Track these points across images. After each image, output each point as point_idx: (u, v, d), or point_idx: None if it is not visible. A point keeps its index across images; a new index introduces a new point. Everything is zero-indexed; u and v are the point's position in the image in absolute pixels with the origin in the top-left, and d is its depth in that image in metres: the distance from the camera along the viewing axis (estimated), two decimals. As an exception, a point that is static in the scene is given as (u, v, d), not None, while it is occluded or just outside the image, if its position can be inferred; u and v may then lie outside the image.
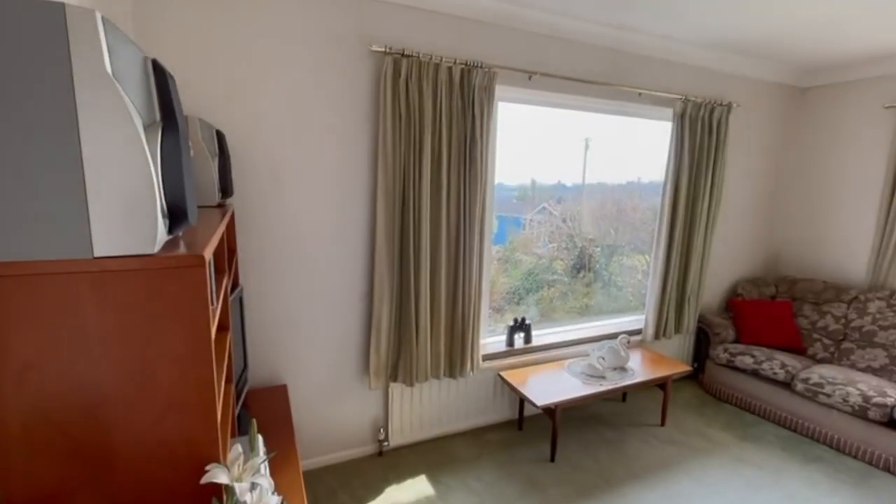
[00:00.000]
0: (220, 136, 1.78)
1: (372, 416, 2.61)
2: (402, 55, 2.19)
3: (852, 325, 3.23)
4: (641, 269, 3.71)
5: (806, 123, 3.80)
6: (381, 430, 2.60)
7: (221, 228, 1.11)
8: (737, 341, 3.48)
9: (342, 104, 2.23)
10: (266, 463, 1.17)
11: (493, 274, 3.28)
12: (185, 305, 0.73)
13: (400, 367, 2.48)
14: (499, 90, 2.58)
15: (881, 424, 2.59)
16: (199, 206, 1.63)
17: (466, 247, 2.50)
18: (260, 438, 1.18)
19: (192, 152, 1.54)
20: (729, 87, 3.41)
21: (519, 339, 3.02)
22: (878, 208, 3.34)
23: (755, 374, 3.19)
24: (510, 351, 2.97)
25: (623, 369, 2.93)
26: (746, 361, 3.23)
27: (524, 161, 3.13)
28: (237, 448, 0.80)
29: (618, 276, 3.72)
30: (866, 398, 2.63)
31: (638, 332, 3.45)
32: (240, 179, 2.09)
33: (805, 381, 2.91)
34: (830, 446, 2.81)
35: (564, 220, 3.47)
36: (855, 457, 2.70)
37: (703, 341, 3.66)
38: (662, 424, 3.03)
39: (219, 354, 1.09)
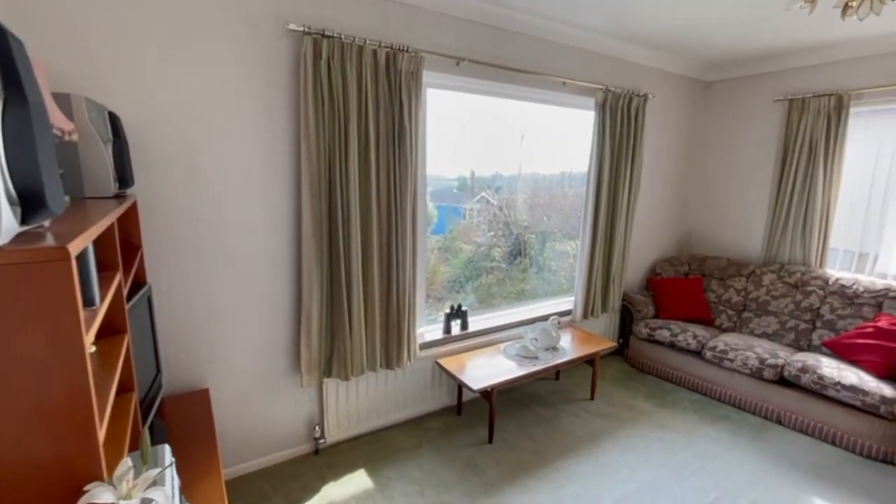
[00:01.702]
0: (115, 119, 1.60)
1: (306, 414, 2.51)
2: (323, 36, 2.08)
3: (750, 296, 3.60)
4: (573, 254, 3.88)
5: (711, 114, 4.15)
6: (317, 428, 2.52)
7: (108, 220, 0.98)
8: (656, 317, 3.76)
9: (260, 87, 2.08)
10: (175, 475, 1.08)
11: (434, 263, 3.30)
12: (47, 306, 0.63)
13: (334, 362, 2.41)
14: (427, 76, 2.55)
15: (774, 383, 2.93)
16: (92, 197, 1.46)
17: (399, 236, 2.46)
18: (167, 448, 1.08)
19: (73, 135, 1.36)
20: (645, 78, 3.62)
21: (456, 326, 3.05)
22: (770, 191, 3.74)
23: (672, 345, 3.47)
24: (447, 338, 2.99)
25: (555, 349, 3.06)
26: (664, 335, 3.50)
27: (463, 153, 3.19)
28: (126, 462, 0.72)
29: (551, 261, 3.87)
30: (762, 360, 2.96)
31: (569, 312, 3.61)
32: (146, 169, 1.89)
33: (713, 349, 3.21)
34: (734, 406, 3.13)
35: (500, 209, 3.55)
36: (754, 413, 3.03)
37: (627, 318, 3.91)
38: (592, 399, 3.21)
39: (107, 361, 0.97)
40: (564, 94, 3.19)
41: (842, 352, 2.92)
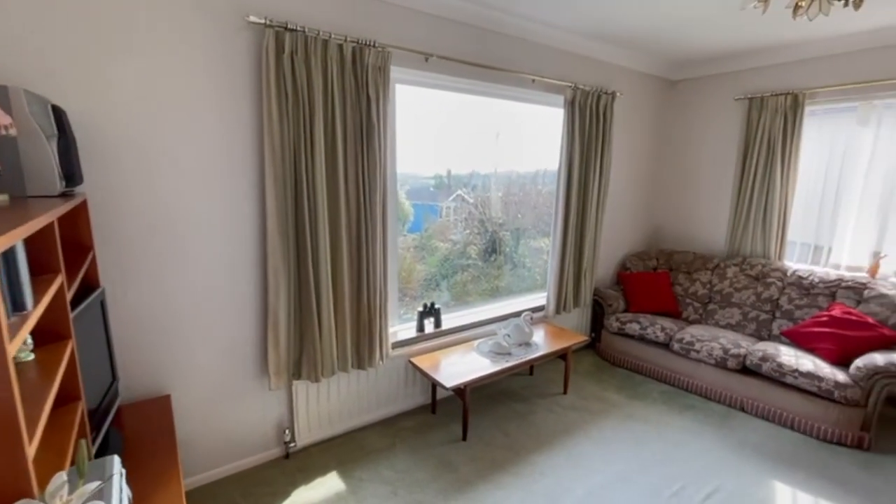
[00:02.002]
0: (59, 113, 1.51)
1: (275, 418, 2.45)
2: (286, 29, 2.02)
3: (715, 289, 3.72)
4: (546, 251, 3.92)
5: (676, 112, 4.26)
6: (287, 432, 2.46)
7: (43, 220, 0.92)
8: (626, 311, 3.84)
9: (220, 81, 2.01)
10: (124, 487, 1.02)
11: (410, 262, 3.28)
12: (-38, 312, 0.58)
13: (303, 364, 2.35)
14: (395, 71, 2.51)
15: (737, 372, 3.03)
16: (35, 196, 1.38)
17: (369, 234, 2.43)
18: (115, 459, 1.03)
19: (11, 130, 1.28)
20: (613, 76, 3.68)
21: (429, 324, 3.03)
22: (733, 187, 3.87)
23: (642, 338, 3.55)
24: (421, 336, 2.97)
25: (528, 345, 3.08)
26: (634, 328, 3.57)
27: (440, 151, 3.22)
28: (60, 477, 0.67)
29: (526, 258, 3.91)
30: (725, 351, 3.06)
31: (542, 308, 3.65)
32: (97, 166, 1.80)
33: (680, 340, 3.30)
34: (700, 395, 3.23)
35: (476, 207, 3.56)
36: (719, 401, 3.13)
37: (598, 313, 3.98)
38: (565, 392, 3.25)
39: (46, 369, 0.91)
40: (534, 91, 3.21)
41: (799, 340, 3.05)
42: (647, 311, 3.77)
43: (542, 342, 3.15)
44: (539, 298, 3.74)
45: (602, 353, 3.88)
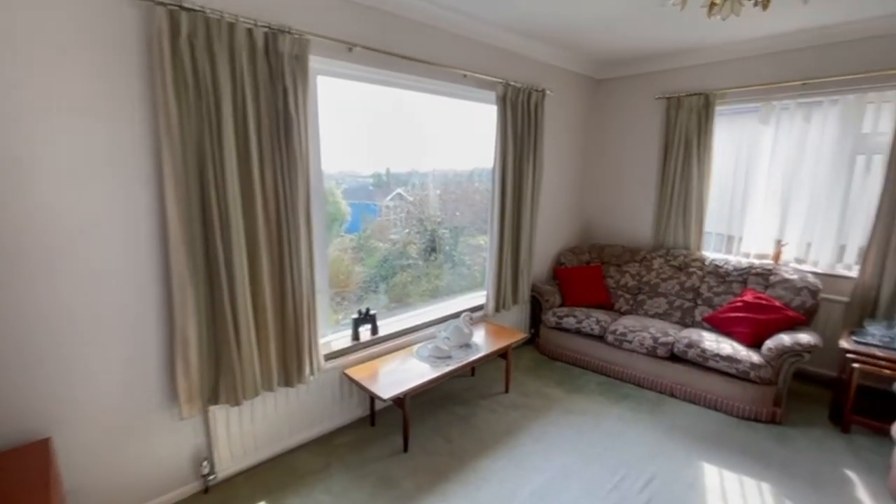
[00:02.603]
0: None
1: (190, 449, 2.17)
2: (181, 8, 1.77)
3: (643, 280, 3.88)
4: (485, 248, 3.89)
5: (603, 110, 4.41)
6: (205, 463, 2.19)
7: None
8: (563, 305, 3.91)
9: (102, 66, 1.71)
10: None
11: (348, 263, 3.11)
12: None
13: (221, 387, 2.10)
14: (316, 62, 2.32)
15: (666, 359, 3.17)
16: None
17: (291, 239, 2.22)
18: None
19: None
20: (542, 74, 3.72)
21: (365, 331, 2.86)
22: (656, 181, 4.07)
23: (578, 332, 3.63)
24: (357, 345, 2.80)
25: (468, 346, 3.01)
26: (570, 322, 3.64)
27: (378, 149, 3.13)
28: None
29: (465, 256, 3.86)
30: (655, 340, 3.19)
31: (482, 307, 3.61)
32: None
33: (614, 332, 3.40)
34: (634, 384, 3.35)
35: (414, 205, 3.46)
36: (651, 389, 3.27)
37: (536, 308, 4.02)
38: (507, 391, 3.23)
39: None
40: (466, 86, 3.14)
41: (719, 325, 3.25)
42: (582, 304, 3.86)
43: (482, 342, 3.10)
44: (479, 297, 3.70)
45: (541, 348, 3.93)
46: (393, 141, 3.17)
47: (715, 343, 3.00)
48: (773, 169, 3.50)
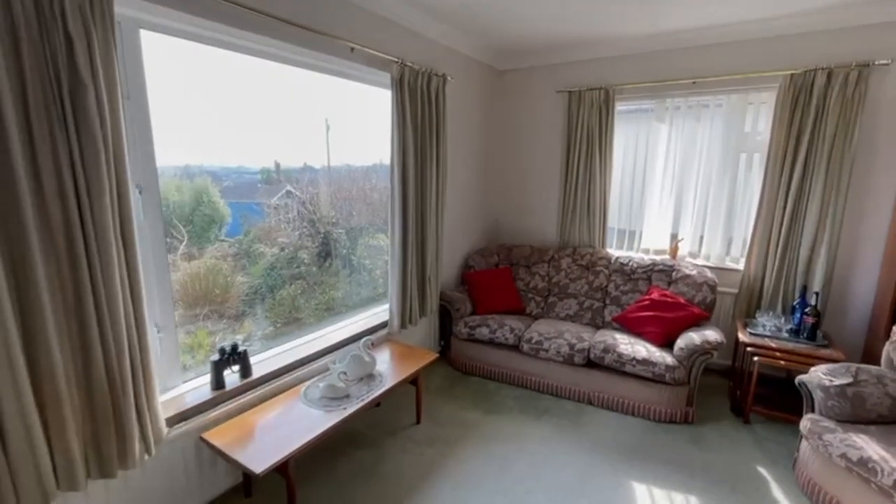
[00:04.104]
0: None
1: None
2: None
3: (553, 281, 3.73)
4: (387, 249, 3.41)
5: (505, 103, 4.17)
6: None
7: None
8: (474, 313, 3.58)
9: None
10: None
11: (227, 273, 2.48)
12: None
13: (-28, 506, 1.32)
14: (134, 10, 1.61)
15: (583, 366, 3.00)
16: None
17: (98, 264, 1.49)
18: None
19: None
20: (443, 57, 3.32)
21: (233, 375, 2.19)
22: (560, 177, 3.94)
23: (492, 342, 3.32)
24: (221, 395, 2.11)
25: (371, 376, 2.50)
26: (483, 332, 3.32)
27: (267, 141, 2.57)
28: None
29: (365, 259, 3.35)
30: (571, 346, 3.00)
31: (385, 324, 3.11)
32: None
33: (529, 341, 3.15)
34: (553, 394, 3.14)
35: (304, 204, 2.87)
36: (570, 398, 3.08)
37: (446, 319, 3.64)
38: (419, 422, 2.79)
39: None
40: (355, 63, 2.60)
41: (629, 325, 3.18)
42: (494, 311, 3.57)
43: (387, 369, 2.61)
44: (381, 313, 3.19)
45: (453, 361, 3.56)
46: (282, 131, 2.61)
47: (629, 346, 2.89)
48: (668, 166, 3.55)
